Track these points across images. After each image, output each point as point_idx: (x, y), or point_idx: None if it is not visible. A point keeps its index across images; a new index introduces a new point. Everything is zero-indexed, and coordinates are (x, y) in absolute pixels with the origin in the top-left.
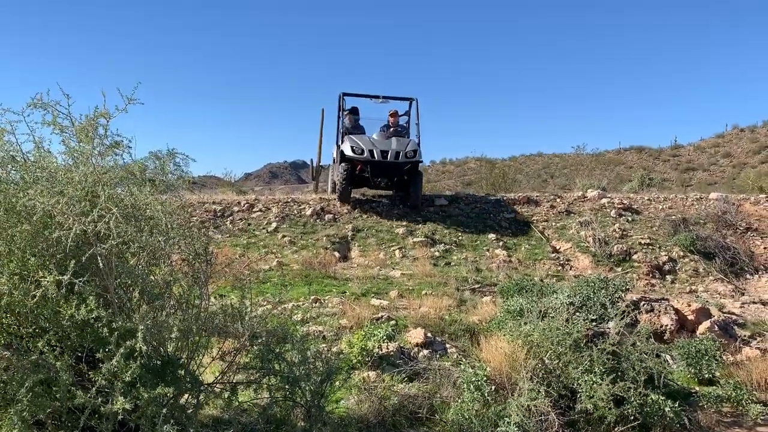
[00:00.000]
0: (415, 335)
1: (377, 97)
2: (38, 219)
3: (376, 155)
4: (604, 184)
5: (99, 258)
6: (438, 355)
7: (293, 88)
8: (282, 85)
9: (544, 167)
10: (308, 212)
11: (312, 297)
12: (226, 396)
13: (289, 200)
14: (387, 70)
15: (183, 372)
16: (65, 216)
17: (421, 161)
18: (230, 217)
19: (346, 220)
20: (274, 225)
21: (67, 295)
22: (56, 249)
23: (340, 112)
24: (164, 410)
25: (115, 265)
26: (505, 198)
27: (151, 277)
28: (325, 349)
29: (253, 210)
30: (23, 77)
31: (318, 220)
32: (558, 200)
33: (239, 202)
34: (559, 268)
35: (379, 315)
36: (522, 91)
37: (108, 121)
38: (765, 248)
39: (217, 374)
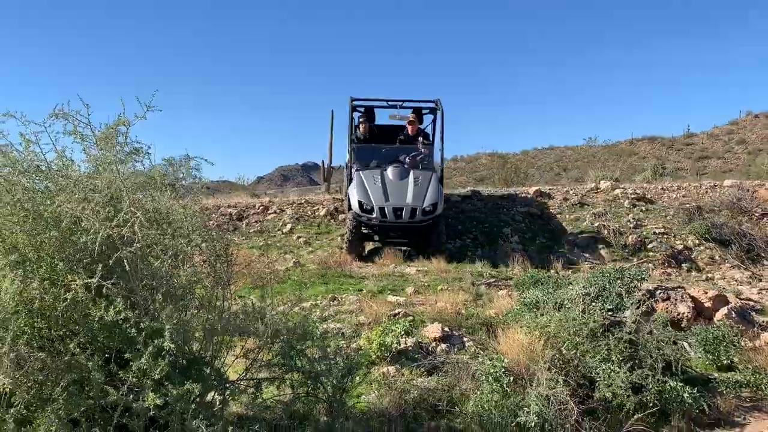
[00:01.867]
0: (433, 330)
1: (393, 105)
2: (66, 225)
3: (387, 214)
4: (617, 175)
5: (125, 261)
6: (456, 349)
7: (302, 90)
8: (290, 88)
9: (556, 160)
10: (322, 213)
11: (329, 295)
12: (251, 392)
13: (302, 201)
14: (394, 67)
15: (208, 370)
16: (91, 221)
17: (441, 216)
18: (246, 220)
19: None
20: (289, 226)
21: (95, 298)
22: (83, 254)
23: (351, 120)
24: (193, 406)
25: (140, 268)
26: (518, 192)
27: (175, 279)
28: (345, 345)
29: (268, 212)
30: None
31: (332, 220)
32: (571, 192)
33: (254, 205)
34: (574, 260)
35: (396, 311)
36: (532, 83)
37: (128, 129)
38: None
39: (241, 372)
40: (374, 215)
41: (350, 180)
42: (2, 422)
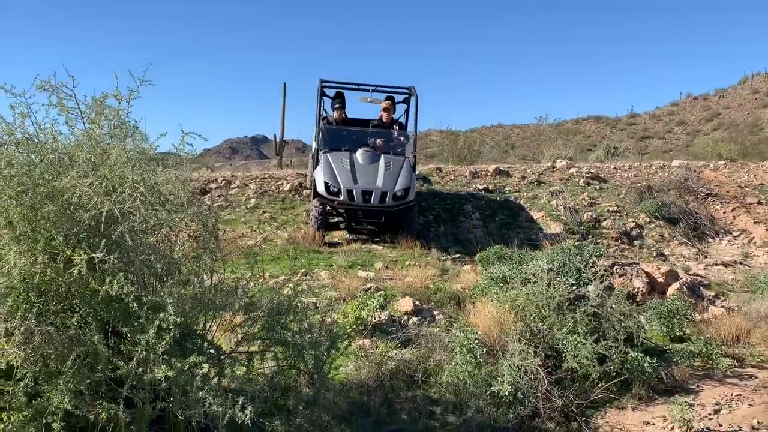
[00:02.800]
0: (404, 304)
1: (366, 88)
2: (66, 199)
3: (356, 197)
4: (571, 154)
5: (127, 235)
6: (427, 322)
7: (252, 61)
8: (239, 59)
9: (504, 138)
10: (286, 188)
11: (302, 270)
12: (244, 365)
13: (266, 176)
14: (344, 39)
15: (203, 342)
16: (92, 196)
17: (413, 203)
18: (208, 195)
19: None
20: (253, 201)
21: (93, 272)
22: (79, 228)
23: (320, 102)
24: (198, 379)
25: (138, 243)
26: (478, 170)
27: (172, 254)
28: (320, 319)
29: (231, 186)
30: None
31: (296, 196)
32: (528, 171)
33: (216, 179)
34: (533, 236)
35: (368, 286)
36: (480, 61)
37: (120, 103)
38: (725, 212)
39: (231, 345)
40: (341, 198)
41: (316, 163)
42: (12, 395)
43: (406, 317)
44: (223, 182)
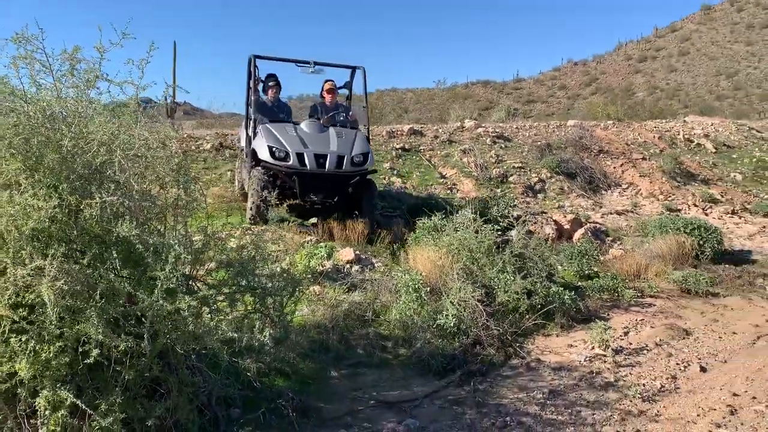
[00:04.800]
0: (346, 254)
1: (306, 63)
2: (66, 148)
3: (308, 162)
4: (475, 116)
5: (132, 180)
6: (368, 269)
7: (129, 13)
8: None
9: (398, 102)
10: (207, 147)
11: (241, 227)
12: (228, 304)
13: (184, 136)
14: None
15: (194, 283)
16: (92, 145)
17: (375, 170)
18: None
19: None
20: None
21: (94, 218)
22: (75, 176)
23: (251, 81)
24: (207, 311)
25: (136, 189)
26: (394, 130)
27: (161, 201)
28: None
29: None
30: None
31: (218, 155)
32: (440, 131)
33: None
34: (448, 191)
35: (307, 239)
36: (376, 28)
37: (103, 55)
38: (615, 168)
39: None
40: (290, 162)
41: (254, 136)
42: (44, 329)
43: (348, 266)
44: None
